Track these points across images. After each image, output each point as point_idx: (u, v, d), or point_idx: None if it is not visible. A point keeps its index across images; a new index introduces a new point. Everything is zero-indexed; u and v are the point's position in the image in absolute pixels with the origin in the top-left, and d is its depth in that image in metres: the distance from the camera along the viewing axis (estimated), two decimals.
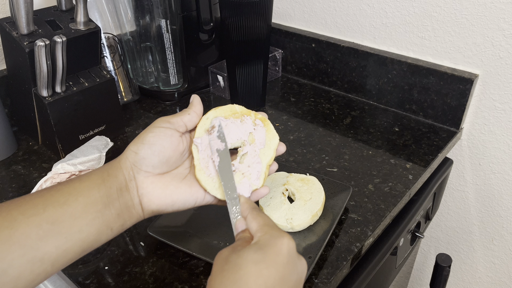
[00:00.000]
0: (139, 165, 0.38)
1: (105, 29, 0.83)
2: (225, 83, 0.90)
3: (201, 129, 0.41)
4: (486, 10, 0.68)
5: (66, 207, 0.34)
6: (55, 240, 0.33)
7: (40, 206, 0.34)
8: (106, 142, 0.69)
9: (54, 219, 0.34)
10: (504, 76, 0.70)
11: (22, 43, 0.64)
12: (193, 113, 0.41)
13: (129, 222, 0.38)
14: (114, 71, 0.85)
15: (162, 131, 0.38)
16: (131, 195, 0.38)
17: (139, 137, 0.38)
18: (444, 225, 0.92)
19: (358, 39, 0.87)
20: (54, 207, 0.34)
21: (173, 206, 0.39)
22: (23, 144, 0.78)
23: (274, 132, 0.43)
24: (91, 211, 0.35)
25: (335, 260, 0.52)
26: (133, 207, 0.38)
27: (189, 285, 0.50)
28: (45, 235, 0.33)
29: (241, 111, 0.43)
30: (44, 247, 0.33)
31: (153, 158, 0.38)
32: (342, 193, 0.59)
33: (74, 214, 0.34)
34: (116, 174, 0.38)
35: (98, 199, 0.36)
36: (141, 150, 0.38)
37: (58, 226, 0.34)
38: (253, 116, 0.43)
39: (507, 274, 0.87)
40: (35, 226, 0.33)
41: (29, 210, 0.33)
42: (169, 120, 0.39)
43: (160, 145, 0.38)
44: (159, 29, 0.83)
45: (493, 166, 0.78)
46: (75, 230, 0.34)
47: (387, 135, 0.77)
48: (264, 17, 0.75)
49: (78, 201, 0.35)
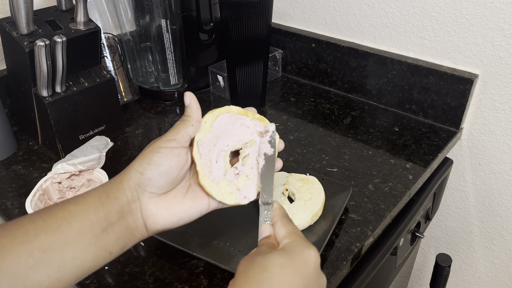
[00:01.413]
0: (144, 186, 0.36)
1: (105, 29, 0.83)
2: (225, 83, 0.90)
3: (200, 133, 0.40)
4: (486, 10, 0.68)
5: (59, 234, 0.32)
6: (47, 269, 0.31)
7: (31, 233, 0.32)
8: (106, 142, 0.69)
9: (45, 246, 0.32)
10: (504, 76, 0.70)
11: (22, 43, 0.64)
12: (196, 122, 0.38)
13: (131, 244, 0.37)
14: (114, 71, 0.85)
15: (170, 151, 0.36)
16: (134, 217, 0.36)
17: (144, 156, 0.36)
18: (444, 225, 0.92)
19: (358, 39, 0.87)
20: (46, 234, 0.32)
21: (179, 223, 0.38)
22: (23, 144, 0.78)
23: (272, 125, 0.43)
24: (87, 237, 0.33)
25: (335, 260, 0.52)
26: (136, 229, 0.36)
27: (189, 285, 0.50)
28: (36, 264, 0.31)
29: (238, 112, 0.42)
30: (35, 276, 0.31)
31: (160, 179, 0.36)
32: (342, 193, 0.59)
33: (67, 240, 0.32)
34: (117, 196, 0.35)
35: (95, 223, 0.34)
36: (147, 171, 0.35)
37: (50, 253, 0.32)
38: (250, 116, 0.43)
39: (507, 274, 0.87)
40: (25, 254, 0.31)
41: (19, 237, 0.31)
42: (175, 138, 0.37)
43: (167, 166, 0.36)
44: (159, 29, 0.83)
45: (493, 166, 0.78)
46: (69, 257, 0.32)
47: (387, 135, 0.77)
48: (264, 17, 0.75)
49: (72, 227, 0.33)
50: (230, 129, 0.42)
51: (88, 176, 0.62)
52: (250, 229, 0.56)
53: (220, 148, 0.41)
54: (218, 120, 0.41)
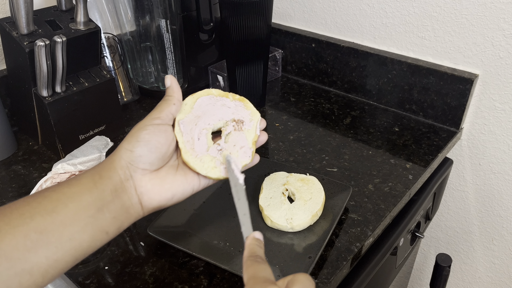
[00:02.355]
0: (136, 163, 0.37)
1: (105, 29, 0.83)
2: (225, 83, 0.90)
3: (181, 114, 0.42)
4: (486, 10, 0.68)
5: (55, 215, 0.33)
6: (44, 250, 0.32)
7: (26, 215, 0.32)
8: (106, 142, 0.69)
9: (42, 228, 0.32)
10: (504, 76, 0.70)
11: (22, 43, 0.64)
12: (177, 101, 0.40)
13: (127, 223, 0.37)
14: (114, 71, 0.85)
15: (156, 128, 0.38)
16: (129, 195, 0.37)
17: (132, 135, 0.38)
18: (444, 225, 0.92)
19: (358, 39, 0.87)
20: (42, 216, 0.32)
21: (173, 199, 0.39)
22: (23, 144, 0.78)
23: (254, 110, 0.45)
24: (83, 217, 0.34)
25: (335, 260, 0.52)
26: (131, 207, 0.37)
27: (189, 285, 0.50)
28: (33, 246, 0.31)
29: (218, 94, 0.44)
30: (33, 258, 0.31)
31: (150, 155, 0.37)
32: (342, 193, 0.59)
33: (64, 221, 0.33)
34: (110, 176, 0.36)
35: (90, 203, 0.34)
36: (137, 148, 0.37)
37: (47, 235, 0.32)
38: (231, 97, 0.44)
39: (507, 274, 0.87)
40: (22, 236, 0.31)
41: (15, 220, 0.31)
42: (159, 116, 0.39)
43: (156, 141, 0.38)
44: (159, 29, 0.83)
45: (493, 166, 0.78)
46: (66, 238, 0.33)
47: (387, 135, 0.77)
48: (264, 17, 0.75)
49: (68, 208, 0.33)
50: (211, 110, 0.43)
51: None
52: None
53: (202, 126, 0.42)
54: (198, 101, 0.43)
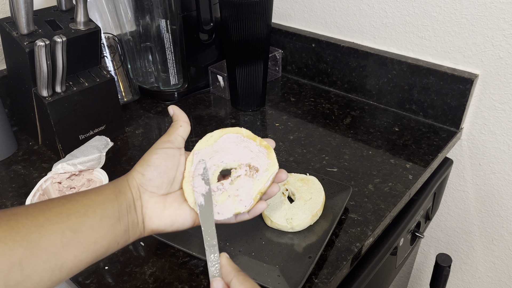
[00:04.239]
0: (145, 186, 0.39)
1: (105, 29, 0.83)
2: (225, 83, 0.90)
3: (201, 144, 0.42)
4: (486, 10, 0.68)
5: (86, 218, 0.35)
6: (74, 249, 0.34)
7: (64, 214, 0.34)
8: (106, 142, 0.69)
9: (76, 228, 0.34)
10: (504, 76, 0.70)
11: (22, 43, 0.64)
12: (184, 123, 0.42)
13: (132, 238, 0.40)
14: (114, 71, 0.85)
15: (165, 152, 0.40)
16: (137, 213, 0.39)
17: (144, 159, 0.40)
18: (444, 225, 0.92)
19: (358, 39, 0.87)
20: (76, 217, 0.34)
21: (172, 227, 0.41)
22: (23, 144, 0.78)
23: (275, 161, 0.42)
24: (106, 224, 0.36)
25: (335, 260, 0.52)
26: (137, 224, 0.39)
27: (189, 285, 0.50)
28: (67, 243, 0.33)
29: (247, 135, 0.43)
30: (65, 255, 0.33)
31: (158, 179, 0.40)
32: (342, 193, 0.59)
33: (92, 225, 0.35)
34: (125, 192, 0.39)
35: (112, 213, 0.37)
36: (147, 172, 0.39)
37: (79, 235, 0.34)
38: (257, 142, 0.43)
39: (507, 274, 0.87)
40: (59, 233, 0.33)
41: (54, 217, 0.33)
42: (169, 140, 0.41)
43: (164, 166, 0.40)
44: (159, 29, 0.83)
45: (493, 166, 0.78)
46: (92, 241, 0.35)
47: (387, 135, 0.77)
48: (264, 17, 0.75)
49: (96, 213, 0.36)
50: (231, 148, 0.43)
51: (88, 176, 0.62)
52: (250, 229, 0.56)
53: (214, 162, 0.42)
54: (224, 137, 0.43)
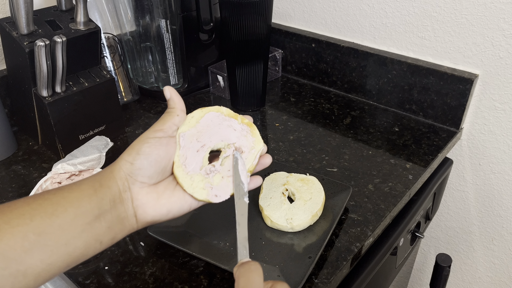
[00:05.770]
0: (135, 176, 0.37)
1: (105, 29, 0.83)
2: (225, 83, 0.90)
3: (185, 126, 0.40)
4: (486, 10, 0.68)
5: (54, 218, 0.32)
6: (40, 253, 0.31)
7: (27, 216, 0.31)
8: (106, 142, 0.69)
9: (41, 230, 0.31)
10: (504, 76, 0.70)
11: (22, 43, 0.64)
12: (180, 112, 0.40)
13: (121, 235, 0.37)
14: (114, 71, 0.85)
15: (158, 141, 0.38)
16: (125, 206, 0.36)
17: (133, 147, 0.37)
18: (444, 225, 0.92)
19: (358, 39, 0.87)
20: (41, 218, 0.32)
21: (168, 215, 0.39)
22: (23, 144, 0.78)
23: (259, 138, 0.42)
24: (80, 223, 0.33)
25: (335, 260, 0.52)
26: (126, 219, 0.37)
27: (189, 285, 0.50)
28: (30, 247, 0.31)
29: (228, 114, 0.42)
30: (29, 260, 0.31)
31: (149, 168, 0.37)
32: (342, 193, 0.59)
33: (62, 225, 0.32)
34: (109, 185, 0.36)
35: (88, 210, 0.34)
36: (137, 161, 0.36)
37: (45, 238, 0.31)
38: (239, 120, 0.42)
39: (507, 274, 0.87)
40: (20, 237, 0.30)
41: (15, 220, 0.31)
42: (162, 129, 0.38)
43: (156, 155, 0.37)
44: (159, 29, 0.83)
45: (493, 166, 0.78)
46: (62, 243, 0.32)
47: (387, 135, 0.77)
48: (264, 17, 0.75)
49: (67, 212, 0.33)
50: (215, 128, 0.42)
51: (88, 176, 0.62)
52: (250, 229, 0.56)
53: (202, 143, 0.41)
54: (206, 117, 0.42)
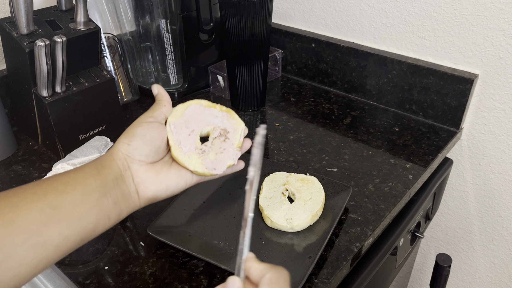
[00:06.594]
0: (133, 155, 0.40)
1: (105, 29, 0.83)
2: (225, 83, 0.90)
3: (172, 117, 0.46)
4: (486, 10, 0.68)
5: (65, 195, 0.35)
6: (57, 226, 0.34)
7: (40, 193, 0.34)
8: (106, 142, 0.69)
9: (55, 205, 0.34)
10: (504, 76, 0.70)
11: (22, 43, 0.64)
12: (167, 103, 0.45)
13: (126, 211, 0.40)
14: (114, 71, 0.85)
15: (149, 125, 0.42)
16: (127, 183, 0.40)
17: (128, 131, 0.41)
18: (444, 225, 0.92)
19: (358, 39, 0.87)
20: (54, 194, 0.35)
21: (167, 191, 0.42)
22: (23, 144, 0.78)
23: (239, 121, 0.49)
24: (89, 199, 0.36)
25: (335, 260, 0.52)
26: (129, 195, 0.40)
27: (189, 285, 0.50)
28: (47, 220, 0.33)
29: (207, 104, 0.48)
30: (47, 232, 0.33)
31: (145, 147, 0.41)
32: (342, 193, 0.59)
33: (74, 201, 0.35)
34: (111, 165, 0.39)
35: (94, 188, 0.37)
36: (133, 142, 0.40)
37: (60, 211, 0.34)
38: (218, 108, 0.48)
39: (507, 274, 0.87)
40: (37, 211, 0.33)
41: (30, 197, 0.34)
42: (152, 115, 0.43)
43: (150, 136, 0.41)
44: (159, 29, 0.83)
45: (493, 166, 0.78)
46: (76, 216, 0.35)
47: (387, 135, 0.77)
48: (264, 17, 0.75)
49: (76, 190, 0.36)
50: (199, 116, 0.47)
51: None
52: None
53: (191, 129, 0.46)
54: (189, 109, 0.47)
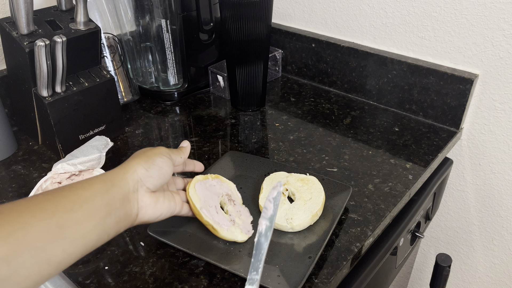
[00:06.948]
0: (145, 181, 0.44)
1: (105, 29, 0.83)
2: (225, 83, 0.90)
3: (197, 203, 0.52)
4: (486, 10, 0.68)
5: (73, 213, 0.37)
6: (61, 244, 0.35)
7: (49, 210, 0.35)
8: (106, 142, 0.69)
9: (62, 223, 0.36)
10: (504, 76, 0.70)
11: (22, 43, 0.64)
12: (182, 159, 0.52)
13: (122, 229, 0.43)
14: (114, 71, 0.85)
15: (167, 160, 0.47)
16: (132, 205, 0.43)
17: (149, 158, 0.46)
18: (444, 225, 0.92)
19: (358, 39, 0.87)
20: (62, 212, 0.36)
21: (159, 217, 0.47)
22: (23, 144, 0.78)
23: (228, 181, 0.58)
24: (94, 218, 0.38)
25: (335, 260, 0.52)
26: (130, 216, 0.43)
27: (189, 285, 0.50)
28: (53, 239, 0.35)
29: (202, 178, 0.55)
30: (52, 250, 0.34)
31: (158, 178, 0.45)
32: (342, 193, 0.59)
33: (79, 220, 0.37)
34: (121, 185, 0.42)
35: (101, 207, 0.39)
36: (151, 170, 0.45)
37: (65, 230, 0.36)
38: (210, 178, 0.55)
39: (507, 274, 0.87)
40: (45, 229, 0.34)
41: (40, 214, 0.35)
42: (170, 155, 0.49)
43: (165, 170, 0.46)
44: (159, 29, 0.83)
45: (493, 166, 0.78)
46: (80, 235, 0.37)
47: (387, 135, 0.77)
48: (264, 17, 0.75)
49: (83, 208, 0.38)
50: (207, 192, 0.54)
51: (88, 176, 0.62)
52: None
53: (212, 205, 0.53)
54: (196, 188, 0.53)
